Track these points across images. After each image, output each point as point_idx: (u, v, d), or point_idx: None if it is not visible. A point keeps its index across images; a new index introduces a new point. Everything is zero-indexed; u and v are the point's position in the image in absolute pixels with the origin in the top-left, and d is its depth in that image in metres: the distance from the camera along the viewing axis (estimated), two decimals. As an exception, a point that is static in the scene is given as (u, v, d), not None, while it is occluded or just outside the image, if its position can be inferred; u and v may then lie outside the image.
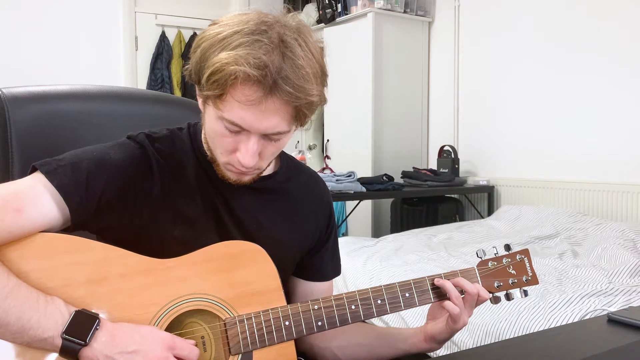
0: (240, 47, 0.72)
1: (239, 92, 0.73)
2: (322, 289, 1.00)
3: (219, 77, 0.72)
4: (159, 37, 4.33)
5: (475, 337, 1.64)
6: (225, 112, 0.75)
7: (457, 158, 3.75)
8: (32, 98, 1.01)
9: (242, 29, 0.74)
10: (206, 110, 0.81)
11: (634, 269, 2.03)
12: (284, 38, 0.74)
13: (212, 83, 0.74)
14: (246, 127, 0.76)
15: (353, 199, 3.20)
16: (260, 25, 0.74)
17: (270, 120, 0.76)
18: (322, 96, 0.80)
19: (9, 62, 3.72)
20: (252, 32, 0.73)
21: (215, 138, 0.80)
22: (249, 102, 0.73)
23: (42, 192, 0.75)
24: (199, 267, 0.79)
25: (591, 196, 3.10)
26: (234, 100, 0.74)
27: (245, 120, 0.75)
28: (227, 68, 0.72)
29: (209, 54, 0.75)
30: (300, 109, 0.76)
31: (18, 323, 0.67)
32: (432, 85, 4.23)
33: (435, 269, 2.08)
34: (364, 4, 3.98)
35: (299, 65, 0.74)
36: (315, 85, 0.77)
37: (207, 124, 0.81)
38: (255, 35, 0.73)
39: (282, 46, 0.74)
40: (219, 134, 0.79)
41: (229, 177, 0.84)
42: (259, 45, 0.72)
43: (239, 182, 0.85)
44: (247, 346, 0.79)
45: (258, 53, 0.72)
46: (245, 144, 0.78)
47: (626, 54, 2.96)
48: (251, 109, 0.74)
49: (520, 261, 0.97)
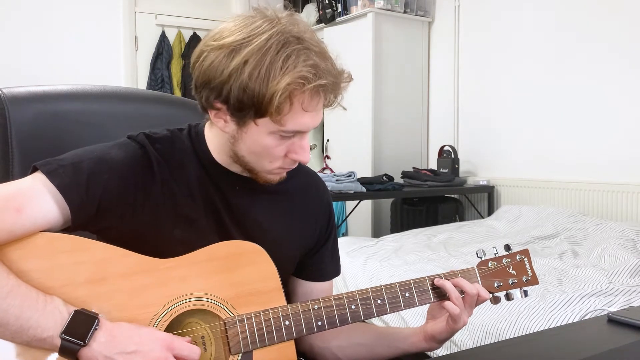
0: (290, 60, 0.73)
1: (306, 103, 0.76)
2: (322, 289, 1.00)
3: (286, 95, 0.73)
4: (159, 37, 4.33)
5: (475, 337, 1.64)
6: (287, 126, 0.77)
7: (457, 158, 3.75)
8: (32, 98, 1.01)
9: (271, 45, 0.74)
10: (247, 130, 0.79)
11: (634, 269, 2.03)
12: (298, 35, 0.76)
13: (277, 103, 0.73)
14: (306, 130, 0.79)
15: (353, 199, 3.20)
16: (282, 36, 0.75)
17: (320, 116, 0.80)
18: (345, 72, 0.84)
19: (9, 62, 3.72)
20: (284, 43, 0.74)
21: (264, 152, 0.81)
22: (312, 108, 0.77)
23: (42, 192, 0.75)
24: (199, 267, 0.79)
25: (591, 196, 3.10)
26: (302, 111, 0.76)
27: (308, 125, 0.79)
28: (299, 87, 0.73)
29: (257, 79, 0.73)
30: (334, 96, 0.80)
31: (17, 322, 0.67)
32: (432, 85, 4.23)
33: (435, 269, 2.08)
34: (364, 4, 3.98)
35: (328, 57, 0.78)
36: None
37: (251, 141, 0.80)
38: (293, 46, 0.75)
39: (313, 47, 0.76)
40: (271, 147, 0.80)
41: (272, 180, 0.87)
42: (303, 54, 0.75)
43: (279, 180, 0.88)
44: (247, 346, 0.79)
45: (307, 62, 0.74)
46: (300, 144, 0.81)
47: (626, 53, 2.96)
48: (312, 113, 0.78)
49: (520, 261, 0.97)
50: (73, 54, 3.98)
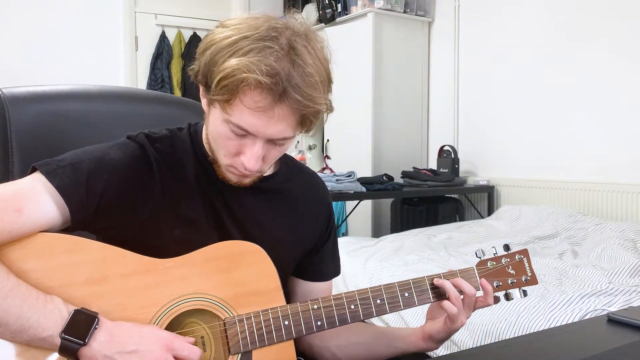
0: (251, 53, 0.72)
1: (249, 98, 0.73)
2: (322, 289, 1.00)
3: (229, 83, 0.72)
4: (159, 37, 4.33)
5: (475, 337, 1.64)
6: (233, 117, 0.75)
7: (457, 158, 3.75)
8: (32, 98, 1.01)
9: (252, 35, 0.74)
10: (211, 111, 0.81)
11: (634, 269, 2.03)
12: (294, 45, 0.75)
13: (222, 88, 0.73)
14: (253, 132, 0.76)
15: (353, 199, 3.20)
16: (270, 31, 0.74)
17: (277, 127, 0.76)
18: (329, 104, 0.80)
19: (9, 62, 3.73)
20: (263, 38, 0.73)
21: (220, 140, 0.80)
22: (258, 109, 0.74)
23: (42, 193, 0.75)
24: (198, 267, 0.79)
25: (591, 196, 3.10)
26: (243, 106, 0.74)
27: (253, 125, 0.75)
28: (238, 75, 0.71)
29: (218, 57, 0.74)
30: (307, 117, 0.77)
31: (17, 322, 0.67)
32: (432, 85, 4.22)
33: (435, 269, 2.07)
34: (364, 4, 3.98)
35: (308, 73, 0.74)
36: (323, 94, 0.77)
37: (212, 125, 0.81)
38: (265, 42, 0.73)
39: (292, 53, 0.74)
40: (224, 136, 0.79)
41: (229, 179, 0.85)
42: (269, 51, 0.72)
43: (240, 184, 0.85)
44: (247, 346, 0.79)
45: (269, 60, 0.72)
46: (251, 148, 0.78)
47: (627, 53, 2.96)
48: (259, 115, 0.74)
49: (520, 261, 0.97)
50: (73, 53, 3.98)
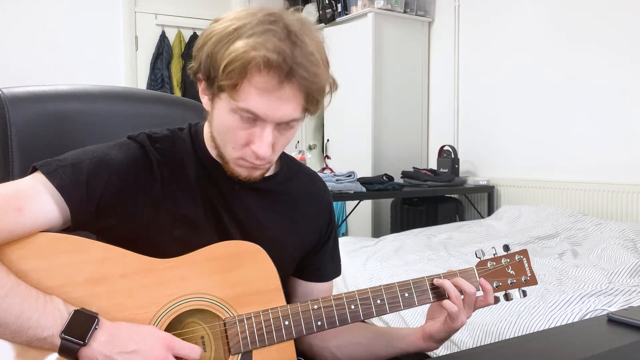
0: (255, 36, 0.74)
1: (257, 79, 0.74)
2: (322, 289, 1.00)
3: (238, 65, 0.73)
4: (159, 37, 4.33)
5: (475, 337, 1.64)
6: (241, 102, 0.75)
7: (457, 158, 3.75)
8: (32, 98, 1.01)
9: (251, 21, 0.75)
10: (216, 105, 0.80)
11: (634, 269, 2.03)
12: (291, 28, 0.76)
13: (229, 72, 0.74)
14: (262, 115, 0.76)
15: (353, 199, 3.20)
16: (267, 16, 0.76)
17: (286, 108, 0.76)
18: (333, 81, 0.82)
19: (9, 62, 3.72)
20: (262, 22, 0.75)
21: (227, 133, 0.80)
22: (267, 89, 0.74)
23: (42, 192, 0.75)
24: (198, 267, 0.79)
25: (591, 196, 3.10)
26: (252, 87, 0.74)
27: (263, 108, 0.76)
28: (247, 54, 0.72)
29: (221, 46, 0.75)
30: (313, 95, 0.78)
31: (17, 322, 0.67)
32: (432, 85, 4.23)
33: (435, 269, 2.08)
34: (364, 4, 3.98)
35: (310, 52, 0.76)
36: (325, 71, 0.79)
37: (218, 119, 0.81)
38: (265, 25, 0.75)
39: (292, 35, 0.75)
40: (232, 127, 0.79)
41: (239, 174, 0.84)
42: (272, 33, 0.74)
43: (249, 178, 0.85)
44: (247, 346, 0.79)
45: (273, 40, 0.73)
46: (260, 134, 0.78)
47: (627, 53, 2.96)
48: (268, 96, 0.75)
49: (519, 261, 0.97)
50: (73, 53, 3.98)
